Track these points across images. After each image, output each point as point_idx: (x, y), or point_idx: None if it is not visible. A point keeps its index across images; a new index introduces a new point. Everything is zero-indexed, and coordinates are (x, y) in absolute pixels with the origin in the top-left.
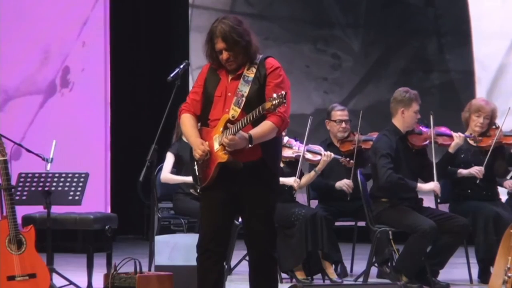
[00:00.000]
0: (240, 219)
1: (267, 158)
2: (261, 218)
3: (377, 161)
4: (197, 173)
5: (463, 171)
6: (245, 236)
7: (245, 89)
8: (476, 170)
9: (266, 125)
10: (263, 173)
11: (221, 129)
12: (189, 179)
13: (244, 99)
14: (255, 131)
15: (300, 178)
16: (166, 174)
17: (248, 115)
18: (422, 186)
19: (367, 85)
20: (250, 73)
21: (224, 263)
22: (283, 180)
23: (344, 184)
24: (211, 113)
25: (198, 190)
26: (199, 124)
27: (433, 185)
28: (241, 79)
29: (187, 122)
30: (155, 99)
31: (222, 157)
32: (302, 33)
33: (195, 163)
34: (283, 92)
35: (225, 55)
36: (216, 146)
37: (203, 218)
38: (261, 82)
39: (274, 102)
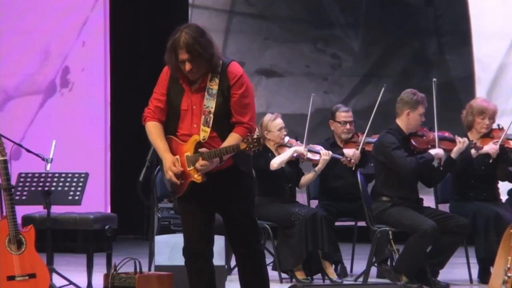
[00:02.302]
0: None
1: (239, 164)
2: (242, 214)
3: (389, 155)
4: (170, 185)
5: (487, 147)
6: (229, 236)
7: (211, 104)
8: (493, 149)
9: (234, 140)
10: (237, 175)
11: (193, 149)
12: None
13: (211, 116)
14: None
15: (300, 179)
16: None
17: (221, 148)
18: (436, 151)
19: (367, 85)
20: (214, 85)
21: (224, 263)
22: (295, 148)
23: (351, 152)
24: (180, 126)
25: (173, 198)
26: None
27: (441, 150)
28: (205, 92)
29: (154, 132)
30: None
31: (197, 178)
32: (302, 33)
33: None
34: (258, 136)
35: (187, 66)
36: (190, 166)
37: (185, 222)
38: (226, 95)
39: (250, 146)
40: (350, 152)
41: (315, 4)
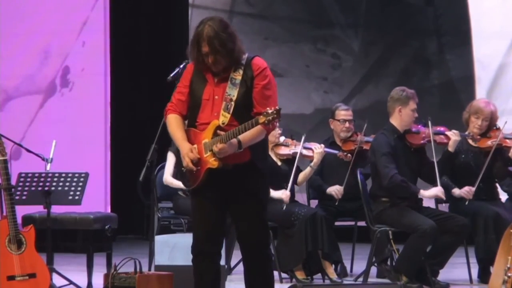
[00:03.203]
0: None
1: (256, 160)
2: (252, 216)
3: (377, 160)
4: (185, 175)
5: (456, 192)
6: (238, 236)
7: (233, 92)
8: (465, 192)
9: (255, 129)
10: (252, 173)
11: (211, 135)
12: None
13: (233, 103)
14: (244, 136)
15: (297, 175)
16: (168, 177)
17: (240, 126)
18: (424, 192)
19: (367, 85)
20: (237, 75)
21: (224, 263)
22: (272, 194)
23: (334, 190)
24: (199, 116)
25: (187, 192)
26: (186, 122)
27: (436, 190)
28: (229, 81)
29: (174, 123)
30: (155, 98)
31: (213, 163)
32: (302, 33)
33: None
34: (278, 108)
35: (210, 58)
36: (207, 152)
37: (195, 219)
38: (249, 85)
39: (269, 118)
40: (332, 188)
41: (315, 4)
